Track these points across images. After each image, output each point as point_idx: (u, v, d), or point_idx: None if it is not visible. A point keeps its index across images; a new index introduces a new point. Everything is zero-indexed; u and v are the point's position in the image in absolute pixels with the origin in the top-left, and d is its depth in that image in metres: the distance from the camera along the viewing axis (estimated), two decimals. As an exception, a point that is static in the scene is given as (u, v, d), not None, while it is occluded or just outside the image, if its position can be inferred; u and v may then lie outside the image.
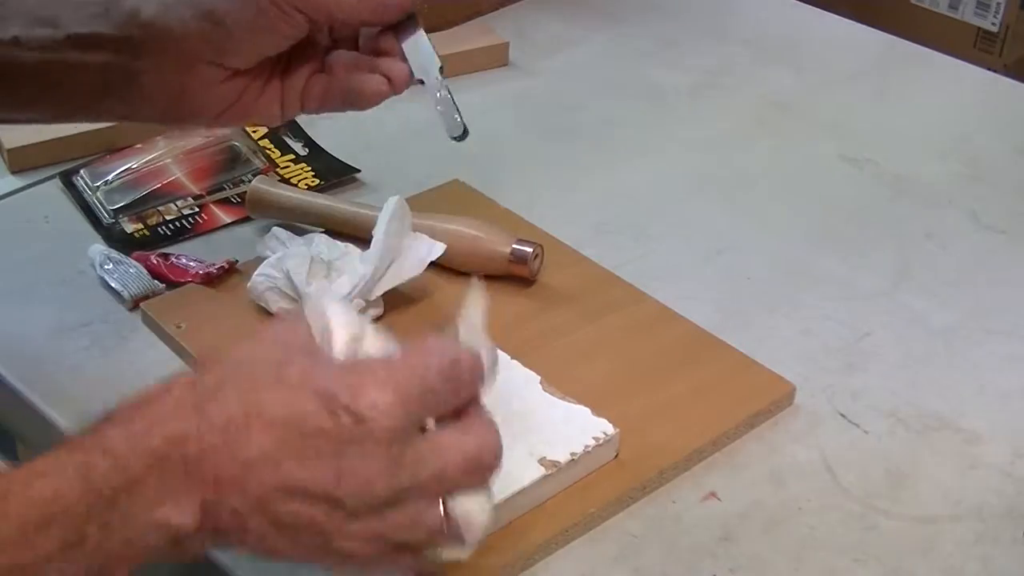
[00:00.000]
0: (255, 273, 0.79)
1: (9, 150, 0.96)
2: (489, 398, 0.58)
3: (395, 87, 0.75)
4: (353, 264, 0.79)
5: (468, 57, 1.13)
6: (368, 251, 0.79)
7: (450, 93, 0.76)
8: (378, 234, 0.79)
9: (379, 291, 0.79)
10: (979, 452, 0.76)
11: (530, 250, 0.83)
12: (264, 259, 0.81)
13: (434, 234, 0.81)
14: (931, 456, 0.75)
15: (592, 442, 0.70)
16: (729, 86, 1.14)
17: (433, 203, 0.92)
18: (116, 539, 0.52)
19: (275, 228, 0.84)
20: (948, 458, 0.75)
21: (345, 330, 0.57)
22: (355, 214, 0.86)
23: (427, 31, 0.76)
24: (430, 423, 0.56)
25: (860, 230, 0.96)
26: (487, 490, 0.57)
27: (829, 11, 1.29)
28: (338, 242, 0.81)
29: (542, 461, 0.68)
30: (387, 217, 0.79)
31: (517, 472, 0.67)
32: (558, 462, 0.68)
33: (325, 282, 0.78)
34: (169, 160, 0.95)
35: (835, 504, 0.72)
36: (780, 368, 0.79)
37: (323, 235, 0.82)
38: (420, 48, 0.75)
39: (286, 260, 0.79)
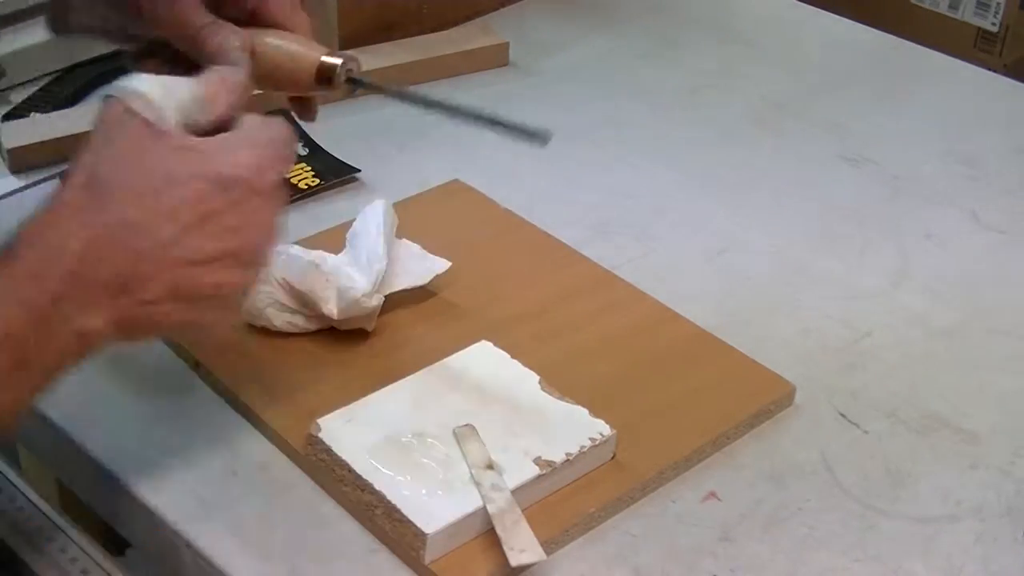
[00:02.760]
0: (249, 295, 0.78)
1: (9, 150, 0.96)
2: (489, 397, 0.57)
3: None
4: (348, 267, 0.79)
5: (468, 57, 1.13)
6: (371, 249, 0.79)
7: None
8: (376, 234, 0.79)
9: (388, 291, 0.79)
10: (979, 452, 0.76)
11: (339, 61, 0.70)
12: None
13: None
14: (931, 456, 0.75)
15: (588, 443, 0.70)
16: (729, 86, 1.14)
17: (433, 203, 0.92)
18: (51, 355, 0.58)
19: None
20: (948, 458, 0.75)
21: (172, 107, 0.62)
22: None
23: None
24: None
25: (860, 230, 0.96)
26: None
27: (829, 11, 1.28)
28: (311, 250, 0.80)
29: (537, 461, 0.68)
30: (380, 219, 0.80)
31: (512, 471, 0.67)
32: (553, 462, 0.68)
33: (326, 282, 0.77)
34: (169, 160, 0.94)
35: (835, 504, 0.72)
36: (780, 368, 0.79)
37: (295, 246, 0.81)
38: None
39: (274, 272, 0.77)
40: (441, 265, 0.81)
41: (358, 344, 0.78)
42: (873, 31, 1.26)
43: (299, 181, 0.95)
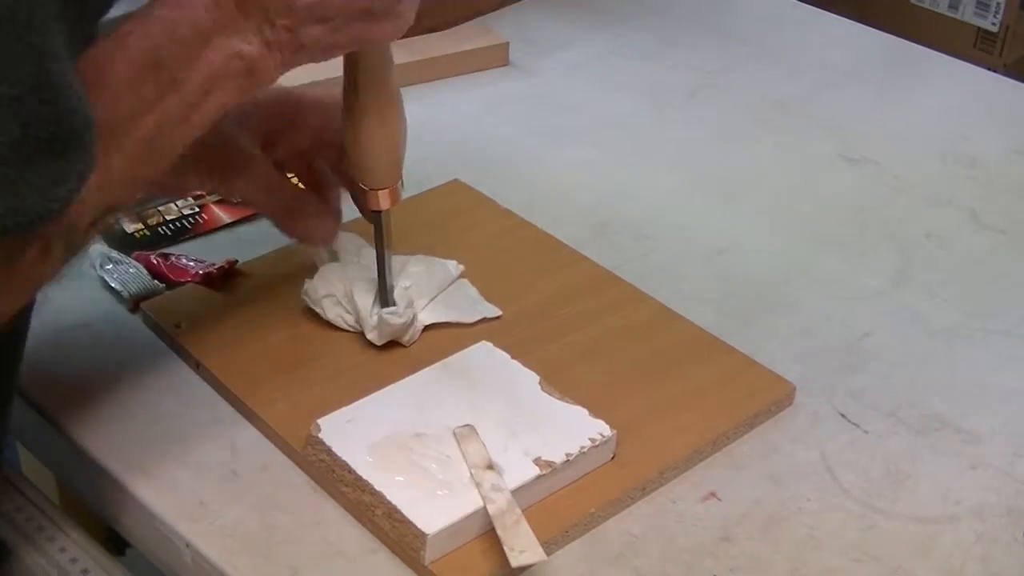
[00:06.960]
0: (315, 276, 0.79)
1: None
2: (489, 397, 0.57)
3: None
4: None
5: (468, 57, 1.13)
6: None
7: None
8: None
9: (433, 320, 0.80)
10: (979, 452, 0.76)
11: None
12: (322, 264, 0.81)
13: None
14: (931, 456, 0.75)
15: (588, 443, 0.70)
16: (729, 86, 1.14)
17: (433, 203, 0.92)
18: (202, 76, 0.60)
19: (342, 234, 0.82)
20: (948, 458, 0.75)
21: None
22: None
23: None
24: None
25: (860, 230, 0.96)
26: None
27: (829, 11, 1.29)
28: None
29: (537, 461, 0.68)
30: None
31: (512, 471, 0.67)
32: (553, 462, 0.68)
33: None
34: (169, 160, 0.94)
35: (835, 504, 0.72)
36: (780, 368, 0.79)
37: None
38: None
39: (353, 282, 0.78)
40: (491, 311, 0.81)
41: (359, 344, 0.78)
42: (873, 31, 1.26)
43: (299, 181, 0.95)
